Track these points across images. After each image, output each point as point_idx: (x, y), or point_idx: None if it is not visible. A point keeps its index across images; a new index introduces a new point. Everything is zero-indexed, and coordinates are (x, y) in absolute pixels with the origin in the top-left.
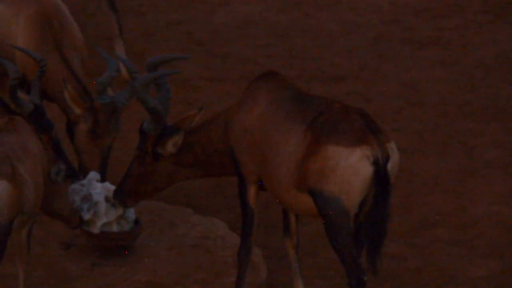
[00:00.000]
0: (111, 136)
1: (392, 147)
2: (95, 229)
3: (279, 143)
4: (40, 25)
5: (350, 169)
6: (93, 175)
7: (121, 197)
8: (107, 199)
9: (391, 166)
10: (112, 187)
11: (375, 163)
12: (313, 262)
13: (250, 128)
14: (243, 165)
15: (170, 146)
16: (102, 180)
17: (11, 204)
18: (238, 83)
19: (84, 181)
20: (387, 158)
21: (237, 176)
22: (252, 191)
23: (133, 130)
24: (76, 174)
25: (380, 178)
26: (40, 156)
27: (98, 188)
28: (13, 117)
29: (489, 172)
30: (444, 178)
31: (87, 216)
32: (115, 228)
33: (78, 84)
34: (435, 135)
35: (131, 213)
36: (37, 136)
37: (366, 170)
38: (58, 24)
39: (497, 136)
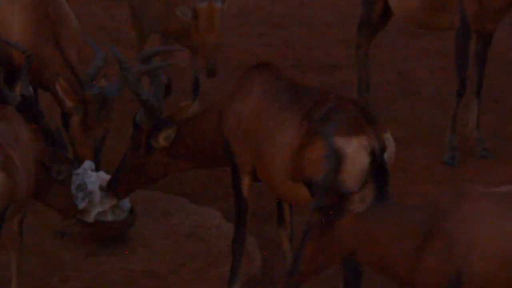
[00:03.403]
0: (103, 127)
1: (388, 137)
2: (90, 218)
3: (274, 134)
4: (36, 15)
5: (346, 159)
6: (88, 164)
7: (114, 188)
8: (101, 188)
9: (387, 156)
10: (107, 177)
11: (372, 153)
12: None
13: (245, 119)
14: (237, 156)
15: (162, 139)
16: (97, 169)
17: (4, 193)
18: (233, 73)
19: (79, 171)
20: (383, 149)
21: (231, 167)
22: (246, 181)
23: (129, 120)
24: (71, 163)
25: (377, 169)
26: (31, 145)
27: (93, 177)
28: (4, 106)
29: (484, 163)
30: (439, 168)
31: (81, 205)
32: (109, 217)
33: (72, 75)
34: (430, 125)
35: (126, 202)
36: (29, 126)
37: (363, 160)
38: (54, 13)
39: (491, 127)
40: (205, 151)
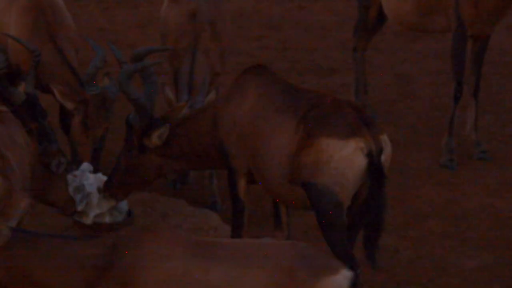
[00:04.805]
0: (102, 127)
1: (385, 139)
2: (88, 220)
3: (270, 137)
4: (33, 16)
5: (344, 161)
6: (86, 166)
7: (111, 190)
8: (99, 190)
9: (385, 158)
10: (105, 178)
11: (369, 155)
12: None
13: (240, 121)
14: (233, 159)
15: (155, 138)
16: (95, 171)
17: (2, 195)
18: (231, 75)
19: (77, 172)
20: (380, 150)
21: (227, 169)
22: (242, 184)
23: None
24: (69, 164)
25: (374, 170)
26: (26, 148)
27: (91, 179)
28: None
29: (482, 165)
30: (437, 171)
31: (79, 207)
32: (107, 219)
33: (73, 75)
34: (428, 127)
35: (124, 204)
36: (24, 129)
37: (360, 162)
38: (52, 14)
39: (489, 129)
40: (199, 152)
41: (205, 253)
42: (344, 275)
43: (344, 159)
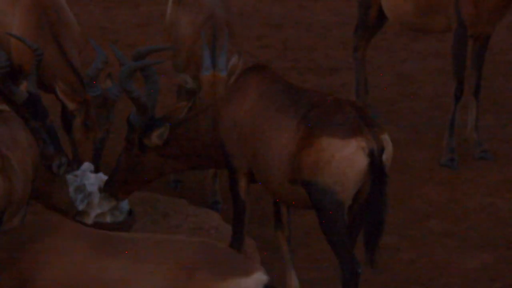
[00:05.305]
0: (103, 128)
1: (386, 138)
2: (89, 220)
3: (271, 137)
4: (36, 16)
5: (345, 161)
6: (87, 166)
7: (112, 189)
8: (100, 190)
9: (386, 157)
10: (106, 178)
11: (370, 154)
12: (307, 254)
13: (240, 121)
14: (233, 158)
15: (155, 138)
16: (96, 171)
17: (1, 195)
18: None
19: (78, 172)
20: (381, 150)
21: (227, 169)
22: (243, 183)
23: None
24: (70, 164)
25: (376, 170)
26: (29, 148)
27: (92, 179)
28: (1, 109)
29: (482, 164)
30: (437, 170)
31: (80, 207)
32: (108, 219)
33: (76, 76)
34: (429, 126)
35: (125, 204)
36: (27, 129)
37: (361, 161)
38: (55, 14)
39: (490, 128)
40: (199, 151)
41: (105, 248)
42: (256, 279)
43: (345, 158)
